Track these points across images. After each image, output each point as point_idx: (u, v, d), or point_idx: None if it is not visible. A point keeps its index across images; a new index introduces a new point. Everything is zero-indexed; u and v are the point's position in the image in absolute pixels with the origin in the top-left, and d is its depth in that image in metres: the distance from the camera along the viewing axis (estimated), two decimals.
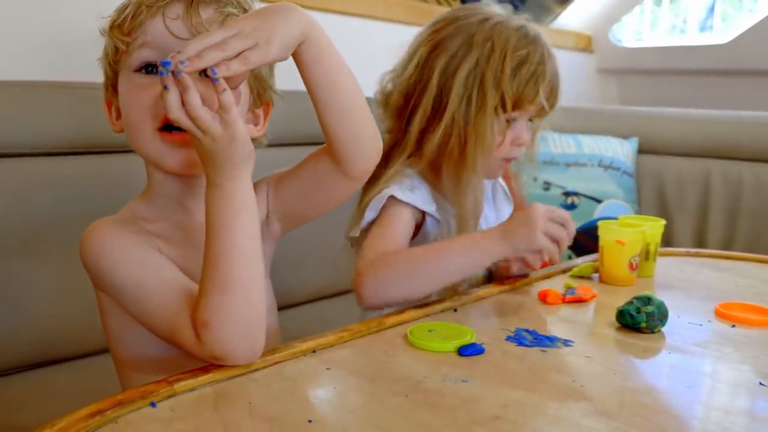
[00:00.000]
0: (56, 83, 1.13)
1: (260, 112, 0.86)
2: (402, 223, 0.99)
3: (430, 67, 1.01)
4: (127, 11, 0.75)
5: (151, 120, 0.74)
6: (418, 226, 1.03)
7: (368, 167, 0.82)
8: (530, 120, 1.06)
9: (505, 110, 0.99)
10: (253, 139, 0.79)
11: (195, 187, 0.80)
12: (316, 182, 0.83)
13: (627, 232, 1.06)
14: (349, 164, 0.80)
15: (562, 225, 0.94)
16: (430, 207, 1.01)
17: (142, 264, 0.73)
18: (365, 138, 0.79)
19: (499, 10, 1.05)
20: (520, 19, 1.04)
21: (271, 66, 0.84)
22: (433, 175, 1.05)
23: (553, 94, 1.04)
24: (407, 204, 0.99)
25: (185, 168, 0.76)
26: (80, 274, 1.11)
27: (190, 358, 0.76)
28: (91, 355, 1.15)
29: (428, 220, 1.03)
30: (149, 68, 0.75)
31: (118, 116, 0.80)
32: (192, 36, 0.72)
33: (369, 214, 1.00)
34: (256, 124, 0.85)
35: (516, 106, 0.99)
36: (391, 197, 0.99)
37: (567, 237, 0.94)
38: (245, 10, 0.78)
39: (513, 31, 1.00)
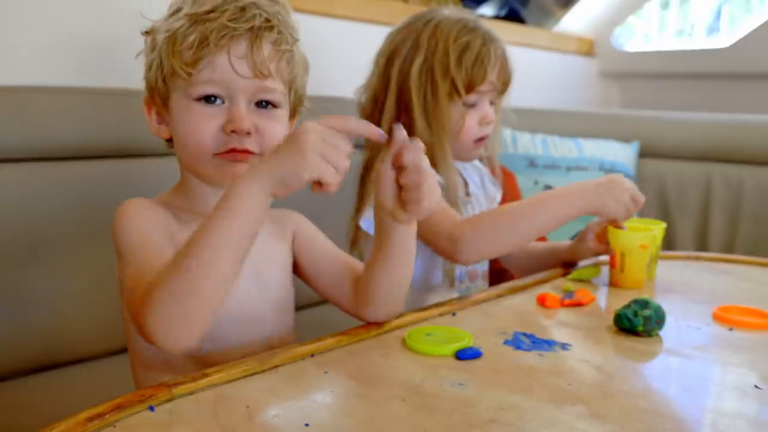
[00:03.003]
0: (63, 88, 1.14)
1: (291, 121, 0.89)
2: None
3: (387, 73, 1.12)
4: (191, 38, 0.77)
5: (212, 145, 0.78)
6: None
7: (378, 319, 0.85)
8: (493, 102, 1.14)
9: (459, 95, 1.08)
10: None
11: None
12: (327, 290, 0.89)
13: (648, 235, 1.07)
14: (366, 310, 0.84)
15: None
16: None
17: (148, 236, 0.76)
18: (395, 302, 0.84)
19: (445, 11, 1.13)
20: (462, 13, 1.13)
21: (305, 83, 0.88)
22: None
23: (503, 72, 1.12)
24: None
25: (231, 181, 0.79)
26: (83, 278, 1.13)
27: (197, 360, 0.77)
28: (94, 359, 1.16)
29: None
30: (209, 98, 0.78)
31: (159, 120, 0.84)
32: (254, 75, 0.78)
33: (364, 224, 1.08)
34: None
35: (469, 88, 1.09)
36: None
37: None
38: (295, 39, 0.82)
39: (453, 23, 1.10)
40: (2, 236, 1.06)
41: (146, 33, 0.83)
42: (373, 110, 1.14)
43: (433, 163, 1.06)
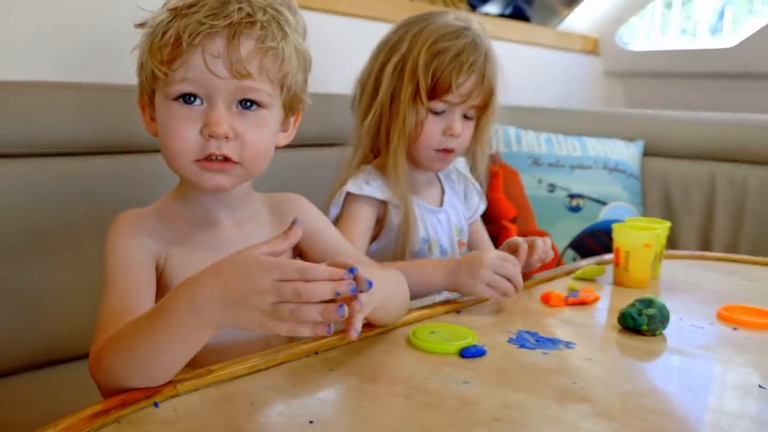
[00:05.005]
0: (65, 84, 1.14)
1: (291, 119, 0.87)
2: (363, 221, 1.07)
3: (374, 60, 1.11)
4: (168, 35, 0.73)
5: (191, 150, 0.75)
6: (384, 216, 1.10)
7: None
8: (469, 117, 1.10)
9: (422, 100, 1.05)
10: (278, 147, 0.84)
11: (224, 199, 0.82)
12: None
13: (653, 234, 1.07)
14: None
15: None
16: (386, 195, 1.08)
17: (127, 267, 0.75)
18: (395, 318, 0.84)
19: (450, 15, 1.10)
20: (464, 20, 1.10)
21: (305, 80, 0.85)
22: (383, 165, 1.10)
23: (480, 86, 1.07)
24: (365, 197, 1.07)
25: (219, 189, 0.78)
26: (87, 274, 1.13)
27: (205, 355, 0.77)
28: None
29: (390, 209, 1.09)
30: (187, 98, 0.75)
31: (152, 118, 0.82)
32: (231, 75, 0.73)
33: (333, 211, 1.08)
34: (285, 131, 0.86)
35: (433, 95, 1.05)
36: (348, 194, 1.07)
37: (511, 290, 0.92)
38: (285, 34, 0.77)
39: (441, 28, 1.07)
40: (5, 231, 1.06)
41: (139, 26, 0.80)
42: (357, 97, 1.14)
43: (385, 162, 1.08)
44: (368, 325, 0.83)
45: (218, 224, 0.83)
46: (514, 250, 1.01)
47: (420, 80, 1.05)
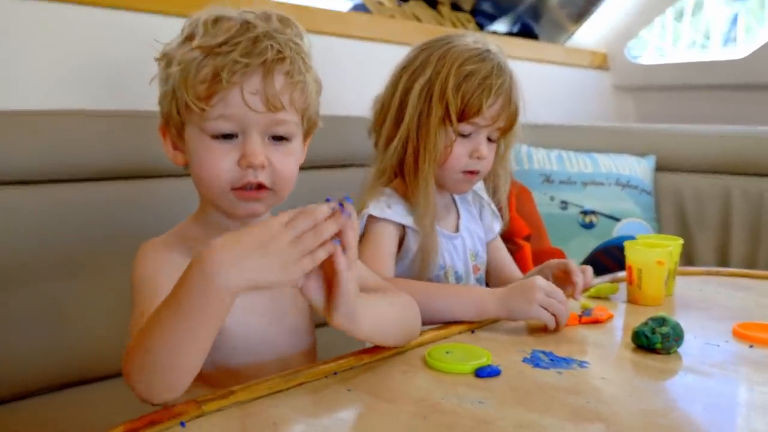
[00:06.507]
0: (88, 111, 1.17)
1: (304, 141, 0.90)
2: (388, 242, 1.07)
3: (395, 85, 1.11)
4: (204, 72, 0.77)
5: (228, 180, 0.79)
6: (401, 241, 1.09)
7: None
8: (492, 140, 1.11)
9: (451, 122, 1.06)
10: None
11: (247, 223, 0.84)
12: None
13: (665, 251, 1.07)
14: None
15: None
16: (407, 220, 1.08)
17: (154, 294, 0.76)
18: (399, 341, 0.85)
19: (468, 37, 1.11)
20: (483, 43, 1.10)
21: (318, 104, 0.88)
22: (404, 188, 1.11)
23: (506, 109, 1.08)
24: (386, 220, 1.07)
25: (254, 215, 0.82)
26: (110, 295, 1.15)
27: (229, 376, 0.78)
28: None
29: (408, 233, 1.09)
30: (225, 135, 0.79)
31: (175, 147, 0.84)
32: (267, 109, 0.77)
33: None
34: None
35: (462, 118, 1.06)
36: (371, 216, 1.06)
37: (565, 313, 0.95)
38: (308, 67, 0.82)
39: (466, 50, 1.07)
40: (32, 254, 1.08)
41: (159, 59, 0.83)
42: (378, 120, 1.14)
43: (413, 186, 1.08)
44: (382, 347, 0.84)
45: None
46: (561, 272, 1.07)
47: (450, 102, 1.05)
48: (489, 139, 1.10)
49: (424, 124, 1.06)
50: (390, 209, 1.07)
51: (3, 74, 1.17)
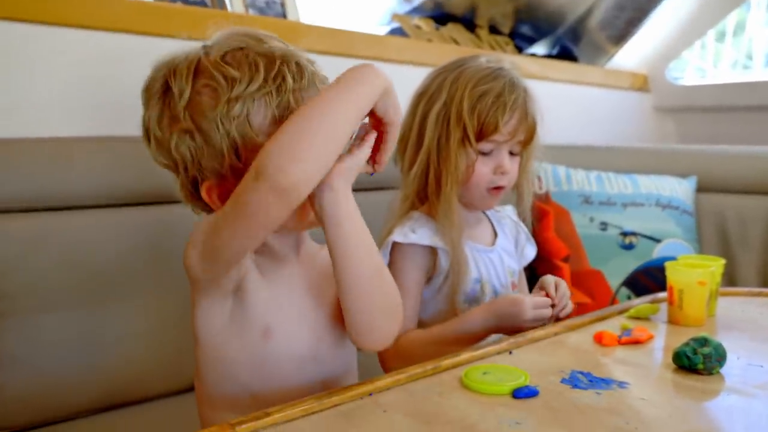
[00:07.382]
0: (123, 138, 1.20)
1: None
2: (413, 270, 1.10)
3: (414, 112, 1.14)
4: (265, 115, 0.79)
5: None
6: (434, 264, 1.11)
7: (369, 347, 0.86)
8: (515, 153, 1.13)
9: (471, 143, 1.08)
10: None
11: (288, 238, 0.88)
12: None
13: (707, 272, 1.06)
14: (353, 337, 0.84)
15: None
16: (433, 241, 1.09)
17: None
18: (371, 324, 0.83)
19: (481, 58, 1.14)
20: (496, 62, 1.13)
21: None
22: (431, 211, 1.12)
23: (524, 122, 1.10)
24: (412, 245, 1.08)
25: (299, 227, 0.87)
26: (146, 320, 1.17)
27: (257, 399, 0.80)
28: (161, 398, 1.20)
29: (440, 253, 1.10)
30: None
31: (220, 197, 0.82)
32: None
33: None
34: None
35: (480, 137, 1.08)
36: (395, 243, 1.08)
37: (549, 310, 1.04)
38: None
39: (478, 71, 1.10)
40: (69, 280, 1.12)
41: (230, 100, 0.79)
42: (401, 147, 1.16)
43: (436, 206, 1.10)
44: (420, 365, 0.84)
45: (282, 259, 0.88)
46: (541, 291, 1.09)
47: (467, 124, 1.07)
48: (511, 153, 1.13)
49: (444, 147, 1.09)
50: (415, 233, 1.09)
51: (25, 101, 1.20)
